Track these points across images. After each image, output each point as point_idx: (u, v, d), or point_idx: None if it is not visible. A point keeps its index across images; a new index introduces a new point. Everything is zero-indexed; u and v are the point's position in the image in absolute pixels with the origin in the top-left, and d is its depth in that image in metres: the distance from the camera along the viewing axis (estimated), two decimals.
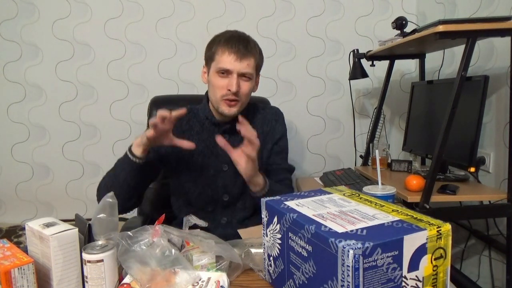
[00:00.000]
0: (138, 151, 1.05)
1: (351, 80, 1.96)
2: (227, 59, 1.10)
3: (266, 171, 1.22)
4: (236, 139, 1.20)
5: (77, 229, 0.72)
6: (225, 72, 1.11)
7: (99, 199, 1.05)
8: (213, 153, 1.20)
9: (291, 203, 0.74)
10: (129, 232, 0.73)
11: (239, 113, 1.17)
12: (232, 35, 1.14)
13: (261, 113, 1.29)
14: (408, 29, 1.54)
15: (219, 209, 1.22)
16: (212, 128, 1.21)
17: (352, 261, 0.53)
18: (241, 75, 1.12)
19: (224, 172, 1.20)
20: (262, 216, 0.79)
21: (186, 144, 1.05)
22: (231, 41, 1.11)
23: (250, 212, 1.24)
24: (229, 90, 1.10)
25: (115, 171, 1.10)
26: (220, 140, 1.02)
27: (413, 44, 1.49)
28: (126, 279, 0.70)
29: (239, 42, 1.11)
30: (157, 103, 1.58)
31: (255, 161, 1.05)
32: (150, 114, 1.57)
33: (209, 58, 1.16)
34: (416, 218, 0.63)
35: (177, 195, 1.26)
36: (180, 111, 0.99)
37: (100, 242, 0.73)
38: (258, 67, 1.18)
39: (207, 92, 1.23)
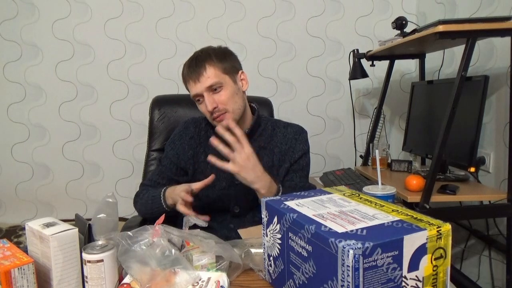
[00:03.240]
0: (170, 202, 1.12)
1: (351, 80, 1.96)
2: (190, 88, 1.13)
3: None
4: None
5: (77, 229, 0.72)
6: (199, 98, 1.13)
7: (138, 213, 1.28)
8: None
9: (291, 203, 0.74)
10: (129, 232, 0.73)
11: (254, 125, 1.19)
12: (186, 63, 1.16)
13: (282, 131, 1.24)
14: (408, 29, 1.54)
15: (229, 218, 1.22)
16: (226, 141, 1.20)
17: (352, 261, 0.53)
18: (210, 90, 1.10)
19: (236, 185, 1.18)
20: (262, 216, 0.79)
21: (208, 181, 1.09)
22: (185, 70, 1.14)
23: (259, 223, 1.23)
24: (209, 111, 1.11)
25: (150, 205, 1.17)
26: (213, 140, 1.01)
27: (413, 44, 1.49)
28: (126, 279, 0.70)
29: (190, 66, 1.12)
30: (158, 103, 1.58)
31: (248, 165, 1.03)
32: (151, 114, 1.57)
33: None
34: (416, 218, 0.63)
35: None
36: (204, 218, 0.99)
37: (100, 242, 0.72)
38: (225, 69, 1.12)
39: None
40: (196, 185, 1.08)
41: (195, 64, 1.11)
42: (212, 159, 1.02)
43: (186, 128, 1.24)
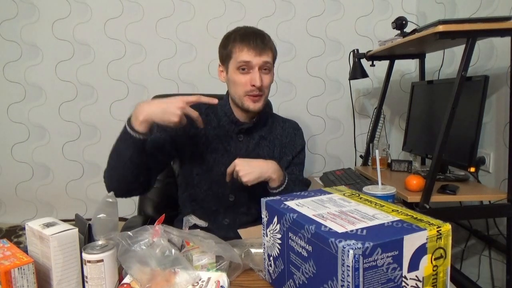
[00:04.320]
0: (142, 127, 0.97)
1: (351, 80, 1.96)
2: (246, 54, 1.10)
3: None
4: (252, 140, 1.22)
5: (77, 229, 0.72)
6: (246, 68, 1.11)
7: (108, 187, 1.04)
8: (227, 151, 1.20)
9: (291, 203, 0.74)
10: (129, 232, 0.73)
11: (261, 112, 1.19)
12: (247, 31, 1.15)
13: (280, 125, 1.30)
14: (408, 29, 1.54)
15: (222, 209, 1.22)
16: (229, 126, 1.21)
17: (352, 261, 0.53)
18: (262, 68, 1.13)
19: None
20: (262, 216, 0.79)
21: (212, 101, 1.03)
22: (247, 37, 1.12)
23: (253, 218, 1.24)
24: (253, 85, 1.11)
25: (117, 150, 1.03)
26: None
27: (413, 44, 1.49)
28: (126, 279, 0.70)
29: (256, 37, 1.12)
30: None
31: (244, 167, 1.06)
32: None
33: (226, 56, 1.15)
34: (416, 218, 0.63)
35: (184, 187, 1.26)
36: (213, 100, 1.01)
37: (100, 242, 0.72)
38: (274, 59, 1.19)
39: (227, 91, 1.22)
40: (203, 99, 1.01)
41: (260, 38, 1.12)
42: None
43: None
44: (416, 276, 0.58)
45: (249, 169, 1.06)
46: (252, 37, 1.11)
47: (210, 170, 1.19)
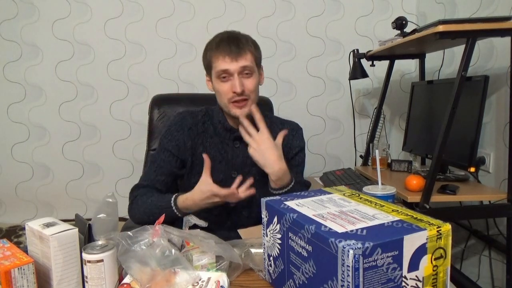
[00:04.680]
0: (186, 210, 1.06)
1: (351, 80, 1.96)
2: (222, 63, 1.10)
3: None
4: (248, 146, 1.20)
5: (77, 229, 0.72)
6: (226, 75, 1.11)
7: (134, 221, 1.16)
8: (224, 159, 1.19)
9: (291, 203, 0.74)
10: (129, 232, 0.73)
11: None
12: (222, 38, 1.14)
13: (279, 127, 1.26)
14: (408, 29, 1.54)
15: (224, 213, 1.22)
16: (224, 134, 1.20)
17: (352, 261, 0.53)
18: (241, 73, 1.11)
19: (233, 178, 1.18)
20: (262, 216, 0.79)
21: (208, 163, 1.07)
22: (221, 45, 1.11)
23: (255, 221, 1.23)
24: (234, 92, 1.10)
25: (156, 213, 1.06)
26: (243, 119, 1.09)
27: (413, 44, 1.49)
28: (126, 279, 0.70)
29: (229, 43, 1.10)
30: (158, 102, 1.58)
31: (262, 148, 1.08)
32: (151, 113, 1.57)
33: (207, 66, 1.16)
34: (416, 218, 0.63)
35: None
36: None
37: (100, 242, 0.72)
38: (256, 59, 1.16)
39: None
40: (207, 177, 1.05)
41: (235, 43, 1.11)
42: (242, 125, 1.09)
43: (183, 118, 1.22)
44: (416, 276, 0.58)
45: (260, 153, 1.08)
46: (226, 44, 1.10)
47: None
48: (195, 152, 1.19)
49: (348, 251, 0.53)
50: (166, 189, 1.20)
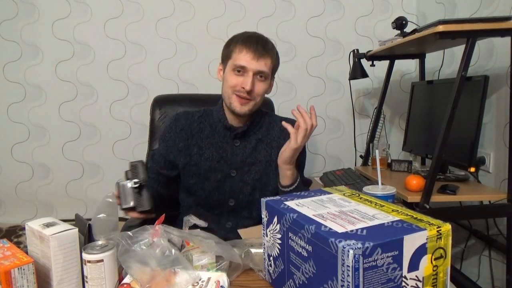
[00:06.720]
0: None
1: (351, 80, 1.96)
2: (244, 57, 1.10)
3: None
4: (248, 144, 1.21)
5: (77, 229, 0.72)
6: (241, 70, 1.11)
7: None
8: (222, 158, 1.19)
9: (291, 203, 0.74)
10: (129, 232, 0.73)
11: (254, 119, 1.20)
12: (251, 35, 1.15)
13: (278, 125, 1.26)
14: (408, 29, 1.54)
15: (225, 213, 1.22)
16: (224, 132, 1.20)
17: (352, 261, 0.53)
18: (257, 74, 1.12)
19: (232, 177, 1.19)
20: (262, 216, 0.79)
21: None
22: (249, 40, 1.12)
23: (256, 221, 1.23)
24: (243, 87, 1.10)
25: None
26: (299, 107, 1.15)
27: (413, 44, 1.49)
28: (126, 279, 0.70)
29: (257, 42, 1.12)
30: (159, 103, 1.58)
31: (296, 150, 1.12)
32: (152, 114, 1.57)
33: (226, 56, 1.16)
34: (416, 218, 0.63)
35: (185, 195, 1.27)
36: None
37: (100, 242, 0.73)
38: (274, 68, 1.18)
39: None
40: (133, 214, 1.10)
41: (262, 43, 1.13)
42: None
43: (176, 120, 1.23)
44: (416, 276, 0.58)
45: (297, 151, 1.13)
46: (253, 41, 1.12)
47: (206, 178, 1.19)
48: (189, 153, 1.20)
49: (348, 251, 0.53)
50: (161, 188, 1.23)
